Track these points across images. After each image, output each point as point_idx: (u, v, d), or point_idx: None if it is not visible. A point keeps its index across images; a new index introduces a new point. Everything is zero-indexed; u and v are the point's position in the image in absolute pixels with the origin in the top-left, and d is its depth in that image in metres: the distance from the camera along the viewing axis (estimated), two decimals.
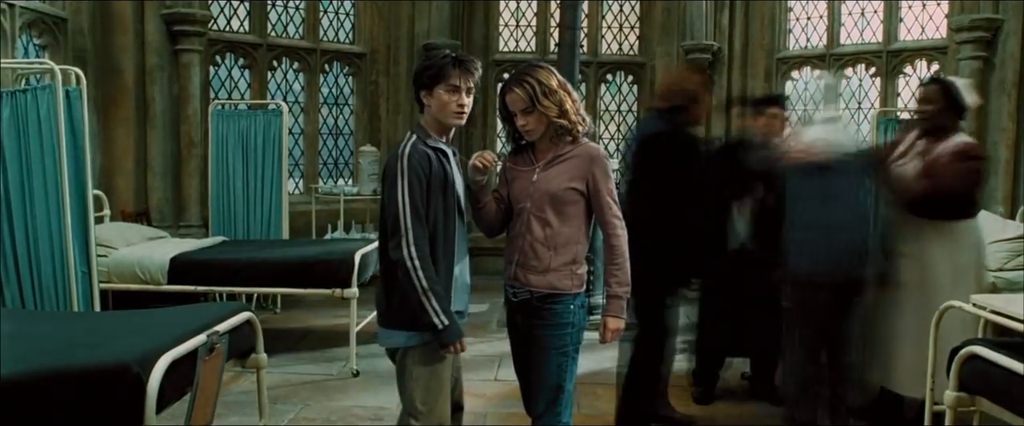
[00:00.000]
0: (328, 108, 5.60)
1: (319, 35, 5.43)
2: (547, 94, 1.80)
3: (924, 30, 4.99)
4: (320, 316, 4.34)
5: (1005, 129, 4.30)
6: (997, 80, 4.35)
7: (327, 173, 5.64)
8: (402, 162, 1.71)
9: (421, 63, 1.81)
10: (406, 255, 1.67)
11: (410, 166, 1.70)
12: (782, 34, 5.62)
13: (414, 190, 1.69)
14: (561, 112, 1.81)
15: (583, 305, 1.90)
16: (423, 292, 1.68)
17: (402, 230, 1.68)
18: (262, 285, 3.48)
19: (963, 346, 2.42)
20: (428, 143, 1.76)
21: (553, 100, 1.80)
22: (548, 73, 1.83)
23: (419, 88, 1.78)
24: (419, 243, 1.69)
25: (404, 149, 1.74)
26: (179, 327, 2.13)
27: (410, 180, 1.69)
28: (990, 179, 4.38)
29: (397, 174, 1.70)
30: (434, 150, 1.75)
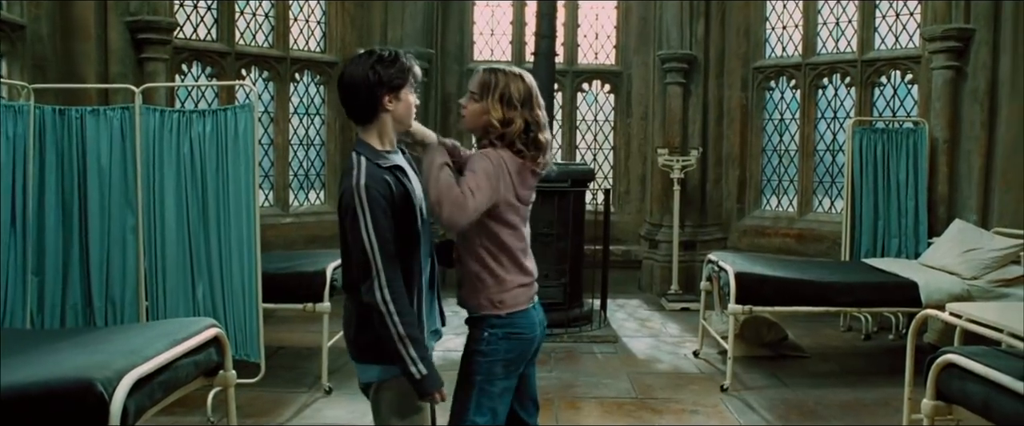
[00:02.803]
0: (298, 118, 5.60)
1: (289, 43, 5.44)
2: (503, 99, 1.72)
3: (898, 40, 5.19)
4: (292, 331, 4.31)
5: (978, 138, 4.47)
6: (969, 89, 4.54)
7: (298, 185, 5.62)
8: (360, 195, 1.57)
9: (381, 66, 1.64)
10: (380, 299, 1.57)
11: (371, 198, 1.57)
12: (758, 44, 5.79)
13: (380, 225, 1.57)
14: (501, 122, 1.72)
15: (506, 335, 1.76)
16: (400, 339, 1.58)
17: (374, 272, 1.57)
18: None
19: (939, 354, 2.52)
20: (381, 164, 1.63)
21: (504, 109, 1.72)
22: (524, 87, 1.76)
23: (383, 93, 1.64)
24: (393, 285, 1.58)
25: (358, 180, 1.58)
26: (145, 344, 2.12)
27: (374, 215, 1.56)
28: (964, 188, 4.56)
29: (357, 209, 1.57)
30: (390, 169, 1.64)
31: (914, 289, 3.56)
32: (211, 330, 2.36)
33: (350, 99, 1.67)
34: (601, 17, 6.22)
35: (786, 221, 5.67)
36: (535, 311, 1.85)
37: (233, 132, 3.24)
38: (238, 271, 3.24)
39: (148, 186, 3.26)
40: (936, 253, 4.05)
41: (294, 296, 3.42)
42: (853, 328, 4.63)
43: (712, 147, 5.80)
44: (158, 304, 3.27)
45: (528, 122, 1.74)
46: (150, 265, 3.27)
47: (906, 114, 5.06)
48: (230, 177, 3.25)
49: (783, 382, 3.67)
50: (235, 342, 3.20)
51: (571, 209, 4.47)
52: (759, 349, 4.09)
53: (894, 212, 4.62)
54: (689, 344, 4.32)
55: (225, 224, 3.26)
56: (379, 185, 1.59)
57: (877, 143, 4.68)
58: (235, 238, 3.24)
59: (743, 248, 5.58)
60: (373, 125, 1.68)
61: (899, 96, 5.18)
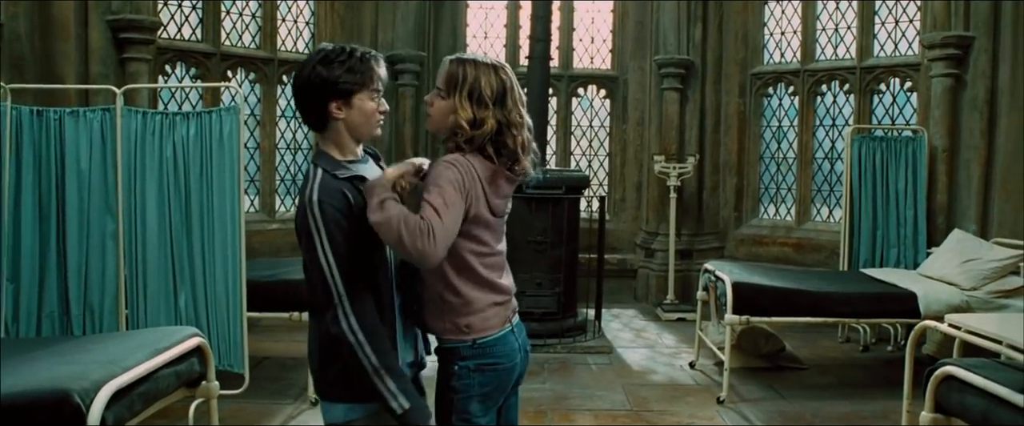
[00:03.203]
0: (286, 122, 5.59)
1: (277, 44, 5.44)
2: (472, 96, 1.52)
3: (897, 47, 5.26)
4: (277, 341, 4.30)
5: (977, 147, 4.53)
6: (969, 98, 4.60)
7: (285, 190, 5.61)
8: (313, 212, 1.41)
9: (325, 67, 1.46)
10: (347, 329, 1.41)
11: (325, 215, 1.41)
12: (756, 49, 5.85)
13: (337, 245, 1.41)
14: (470, 123, 1.51)
15: (479, 368, 1.56)
16: (374, 371, 1.41)
17: (336, 299, 1.41)
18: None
19: (938, 366, 2.55)
20: (339, 175, 1.47)
21: (473, 108, 1.52)
22: (497, 82, 1.54)
23: (330, 98, 1.47)
24: (361, 311, 1.42)
25: (310, 195, 1.43)
26: (125, 353, 2.11)
27: (330, 234, 1.40)
28: (963, 197, 4.62)
29: (312, 229, 1.41)
30: (349, 180, 1.48)
31: (913, 300, 3.59)
32: (193, 339, 2.36)
33: (298, 104, 1.53)
34: (597, 21, 6.27)
35: (784, 230, 5.71)
36: (513, 335, 1.64)
37: (218, 135, 3.26)
38: (222, 278, 3.23)
39: (129, 190, 3.25)
40: (935, 263, 4.09)
41: (280, 304, 3.40)
42: (851, 339, 4.67)
43: (709, 154, 5.84)
44: (138, 312, 3.25)
45: (501, 123, 1.54)
46: (130, 272, 3.26)
47: (905, 122, 5.13)
48: (214, 181, 3.24)
49: (780, 394, 3.68)
50: (218, 352, 3.19)
51: (565, 216, 4.48)
52: (756, 360, 4.11)
53: (893, 221, 4.67)
54: (685, 355, 4.33)
55: (209, 230, 3.25)
56: (334, 199, 1.42)
57: (876, 151, 4.74)
58: (219, 244, 3.23)
59: (740, 257, 5.61)
60: (327, 133, 1.52)
61: (898, 104, 5.25)
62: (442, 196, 1.44)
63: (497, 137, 1.54)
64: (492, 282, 1.60)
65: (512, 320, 1.66)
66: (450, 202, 1.44)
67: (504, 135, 1.55)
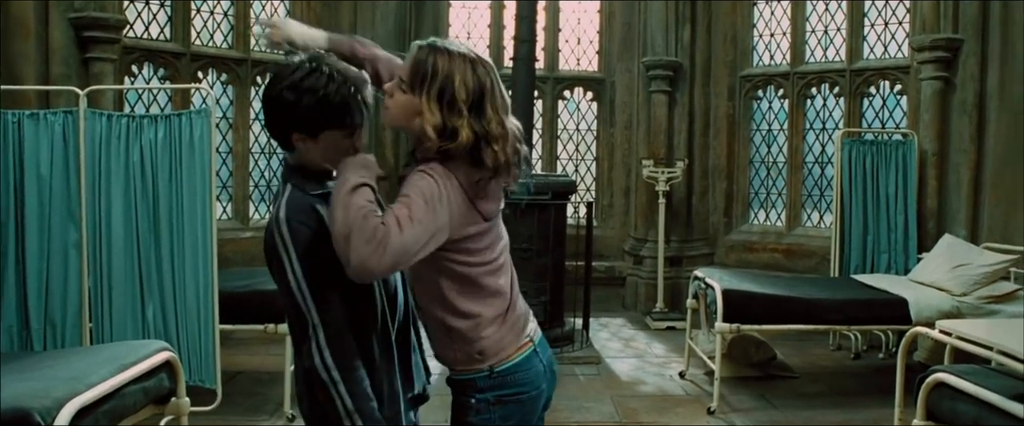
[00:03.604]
0: (260, 125, 5.55)
1: (250, 44, 5.41)
2: (442, 97, 1.32)
3: (887, 49, 5.36)
4: (252, 355, 4.25)
5: (966, 151, 4.63)
6: (958, 100, 4.71)
7: (259, 196, 5.57)
8: (281, 232, 1.29)
9: (297, 94, 1.30)
10: (320, 364, 1.28)
11: (294, 235, 1.29)
12: (745, 51, 5.93)
13: (310, 268, 1.29)
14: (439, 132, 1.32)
15: (499, 400, 1.41)
16: (347, 415, 1.29)
17: (310, 330, 1.29)
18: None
19: (929, 373, 2.60)
20: (310, 190, 1.36)
21: (443, 113, 1.32)
22: (474, 80, 1.34)
23: (291, 128, 1.33)
24: (336, 344, 1.29)
25: (277, 214, 1.32)
26: (89, 369, 2.08)
27: (301, 256, 1.28)
28: (953, 201, 4.71)
29: (280, 251, 1.29)
30: (323, 196, 1.36)
31: (904, 306, 3.66)
32: (162, 354, 2.33)
33: (266, 121, 1.39)
34: (583, 21, 6.32)
35: (774, 236, 5.78)
36: (537, 356, 1.47)
37: (188, 139, 3.22)
38: (193, 289, 3.19)
39: (93, 197, 3.21)
40: (926, 269, 4.17)
41: (254, 316, 3.38)
42: (843, 347, 4.73)
43: (698, 158, 5.90)
44: (103, 326, 3.20)
45: (479, 135, 1.33)
46: (95, 283, 3.21)
47: (895, 125, 5.22)
48: (184, 188, 3.21)
49: (771, 404, 3.72)
50: (189, 366, 3.15)
51: (552, 223, 4.50)
52: (747, 369, 4.15)
53: (884, 226, 4.75)
54: (675, 365, 4.36)
55: (179, 238, 3.21)
56: (305, 216, 1.31)
57: (866, 155, 4.82)
58: (190, 254, 3.20)
59: (730, 264, 5.67)
60: (295, 153, 1.38)
61: (888, 107, 5.35)
62: (409, 208, 1.26)
63: (475, 151, 1.32)
64: (499, 290, 1.42)
65: (534, 337, 1.48)
66: (417, 217, 1.26)
67: (482, 150, 1.32)
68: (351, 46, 1.55)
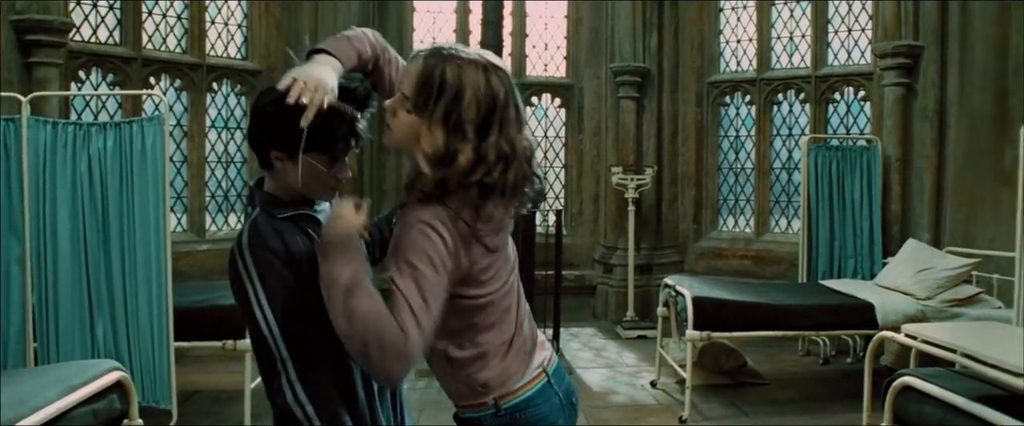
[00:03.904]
0: (217, 132, 5.47)
1: (205, 49, 5.33)
2: (451, 121, 1.18)
3: (850, 56, 5.55)
4: (209, 373, 4.17)
5: (928, 156, 4.81)
6: (919, 106, 4.89)
7: (216, 207, 5.47)
8: (244, 260, 1.22)
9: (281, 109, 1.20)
10: (292, 401, 1.20)
11: (259, 263, 1.21)
12: (712, 58, 6.06)
13: (277, 299, 1.21)
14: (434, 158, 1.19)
15: None
16: None
17: (280, 365, 1.21)
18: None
19: (896, 377, 2.69)
20: (278, 214, 1.28)
21: (450, 138, 1.18)
22: (487, 93, 1.20)
23: (270, 145, 1.26)
24: (309, 378, 1.20)
25: (241, 237, 1.25)
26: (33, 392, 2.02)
27: (266, 285, 1.21)
28: (916, 206, 4.89)
29: (244, 280, 1.22)
30: (291, 220, 1.29)
31: (871, 311, 3.77)
32: (113, 374, 2.27)
33: (248, 127, 1.34)
34: (550, 27, 6.38)
35: (743, 242, 5.90)
36: (551, 387, 1.34)
37: (140, 148, 3.16)
38: (146, 305, 3.12)
39: (37, 209, 3.11)
40: (891, 273, 4.31)
41: (212, 332, 3.32)
42: (812, 352, 4.85)
43: (667, 165, 6.00)
44: (49, 346, 3.11)
45: (480, 158, 1.18)
46: (39, 300, 3.11)
47: (859, 131, 5.40)
48: (136, 199, 3.15)
49: (743, 411, 3.79)
50: (142, 387, 3.08)
51: (520, 232, 4.51)
52: (718, 377, 4.22)
53: (850, 232, 4.90)
54: (646, 374, 4.41)
55: (130, 252, 3.14)
56: (270, 242, 1.23)
57: (832, 161, 4.97)
58: (142, 268, 3.13)
59: (700, 271, 5.77)
60: (271, 172, 1.31)
61: (852, 113, 5.53)
62: (420, 287, 1.13)
63: (470, 176, 1.18)
64: (504, 314, 1.30)
65: (548, 366, 1.35)
66: (430, 295, 1.14)
67: (482, 175, 1.18)
68: (360, 53, 1.34)
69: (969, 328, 3.20)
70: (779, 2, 5.85)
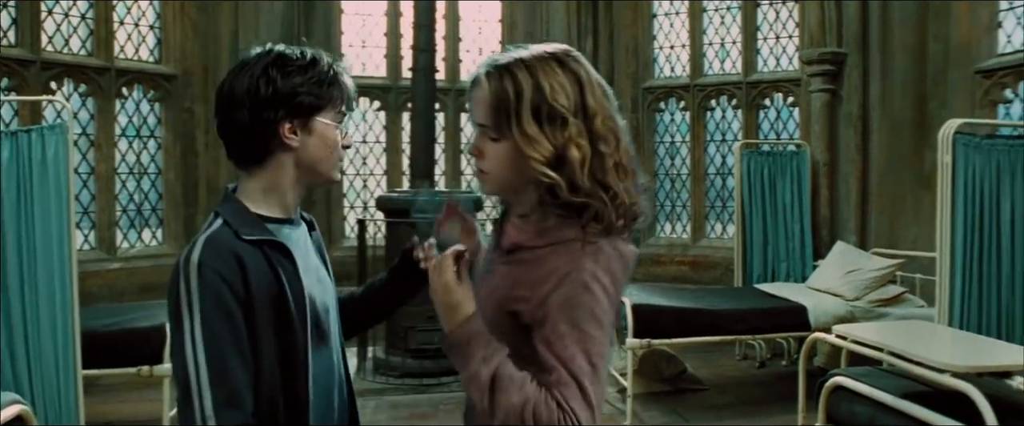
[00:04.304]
0: (128, 142, 5.23)
1: (114, 51, 5.09)
2: (543, 116, 1.04)
3: (779, 62, 5.83)
4: (122, 401, 3.97)
5: (854, 161, 5.11)
6: (845, 112, 5.18)
7: (128, 223, 5.22)
8: (188, 277, 1.06)
9: (279, 71, 1.13)
10: None
11: (204, 285, 1.05)
12: (647, 64, 6.25)
13: (213, 338, 1.05)
14: (555, 161, 1.03)
15: None
16: None
17: (194, 394, 1.04)
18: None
19: (828, 377, 2.83)
20: (244, 233, 1.12)
21: (552, 133, 1.04)
22: (569, 76, 1.07)
23: (282, 117, 1.13)
24: (226, 415, 1.04)
25: (191, 251, 1.09)
26: None
27: (206, 314, 1.05)
28: (843, 209, 5.17)
29: (181, 302, 1.06)
30: (257, 245, 1.12)
31: (803, 313, 3.96)
32: (12, 408, 2.14)
33: (226, 126, 1.15)
34: (485, 31, 6.42)
35: (680, 248, 6.09)
36: None
37: (40, 158, 2.98)
38: (49, 330, 2.94)
39: None
40: (821, 275, 4.54)
41: (125, 358, 3.16)
42: (748, 356, 5.05)
43: None
44: None
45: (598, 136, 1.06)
46: None
47: (789, 136, 5.67)
48: (37, 213, 2.97)
49: (684, 418, 3.91)
50: (46, 419, 2.90)
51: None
52: (658, 384, 4.33)
53: (782, 235, 5.14)
54: None
55: (30, 272, 2.96)
56: (225, 266, 1.07)
57: (763, 166, 5.20)
58: (45, 289, 2.96)
59: (639, 278, 5.90)
60: (262, 171, 1.16)
61: (782, 118, 5.80)
62: (589, 354, 0.98)
63: (596, 172, 1.04)
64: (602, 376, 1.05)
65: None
66: (598, 355, 0.99)
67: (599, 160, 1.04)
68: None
69: (895, 327, 3.40)
70: (710, 8, 6.09)
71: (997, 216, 3.28)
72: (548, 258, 1.03)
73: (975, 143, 3.30)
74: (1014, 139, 3.43)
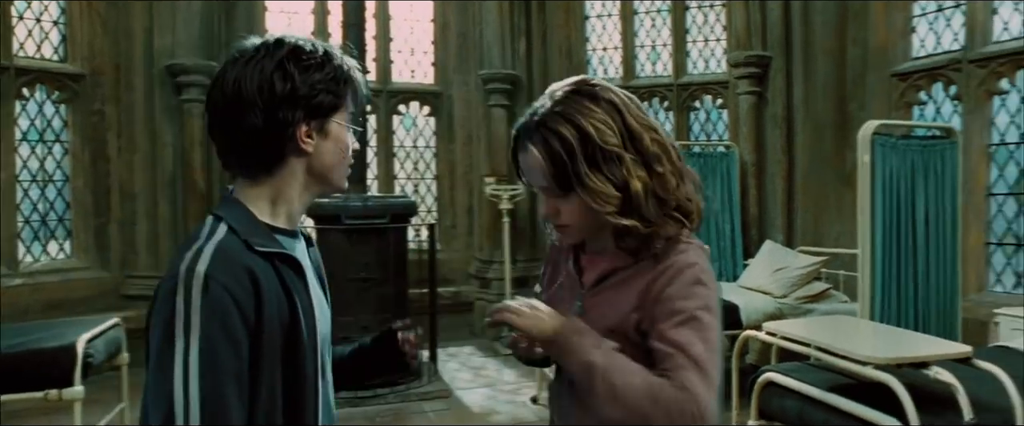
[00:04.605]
0: (30, 146, 4.93)
1: (12, 48, 4.80)
2: (599, 161, 1.07)
3: (708, 65, 6.04)
4: None
5: (780, 161, 5.34)
6: (770, 114, 5.42)
7: (32, 234, 4.92)
8: (190, 294, 0.92)
9: (298, 66, 1.02)
10: None
11: (211, 307, 0.92)
12: (580, 65, 6.34)
13: (214, 370, 0.91)
14: (627, 199, 1.08)
15: None
16: None
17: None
18: None
19: (759, 374, 2.95)
20: (257, 245, 0.99)
21: (611, 172, 1.07)
22: (605, 108, 1.10)
23: (300, 119, 1.02)
24: None
25: (193, 262, 0.94)
26: None
27: (209, 338, 0.91)
28: (771, 209, 5.41)
29: (176, 321, 0.91)
30: (269, 258, 1.00)
31: (736, 311, 4.11)
32: None
33: (231, 127, 1.02)
34: (417, 31, 6.38)
35: None
36: None
37: None
38: None
39: None
40: (751, 274, 4.73)
41: (30, 382, 2.98)
42: None
43: None
44: None
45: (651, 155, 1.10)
46: None
47: (718, 138, 5.88)
48: None
49: None
50: None
51: (391, 249, 4.47)
52: None
53: (714, 235, 5.32)
54: (527, 390, 4.51)
55: None
56: (237, 284, 0.93)
57: (694, 167, 5.26)
58: None
59: None
60: (269, 179, 1.05)
61: (712, 120, 6.01)
62: (705, 340, 1.04)
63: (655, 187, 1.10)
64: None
65: None
66: (713, 344, 1.05)
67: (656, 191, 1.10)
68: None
69: (821, 323, 3.58)
70: (642, 11, 6.25)
71: (912, 214, 3.50)
72: (647, 267, 1.10)
73: (891, 143, 3.51)
74: (927, 140, 3.67)
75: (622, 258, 1.13)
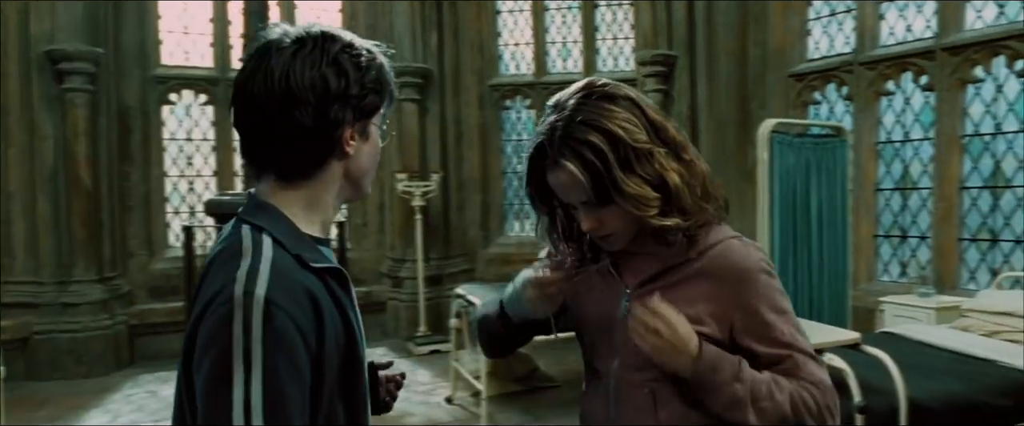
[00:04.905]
0: None
1: None
2: (633, 162, 1.05)
3: (617, 62, 6.21)
4: None
5: None
6: (676, 112, 5.64)
7: None
8: (249, 321, 0.83)
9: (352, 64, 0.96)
10: None
11: (275, 337, 0.84)
12: (492, 60, 6.39)
13: (285, 404, 0.84)
14: (666, 196, 1.08)
15: None
16: None
17: None
18: None
19: None
20: (307, 259, 0.93)
21: (645, 171, 1.06)
22: (625, 106, 1.08)
23: (345, 122, 0.96)
24: None
25: (253, 284, 0.86)
26: None
27: (274, 373, 0.83)
28: None
29: (234, 350, 0.83)
30: (320, 274, 0.93)
31: None
32: None
33: (274, 124, 0.93)
34: (323, 21, 6.20)
35: (530, 246, 6.29)
36: None
37: None
38: None
39: None
40: None
41: None
42: None
43: (453, 170, 6.19)
44: None
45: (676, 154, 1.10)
46: None
47: None
48: None
49: (537, 417, 4.06)
50: None
51: None
52: (512, 385, 4.47)
53: None
54: (441, 390, 4.51)
55: None
56: (300, 311, 0.87)
57: None
58: None
59: (491, 279, 6.03)
60: (307, 183, 0.97)
61: None
62: (798, 327, 1.12)
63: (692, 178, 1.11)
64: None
65: None
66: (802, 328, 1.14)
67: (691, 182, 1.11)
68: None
69: None
70: (553, 7, 6.36)
71: (807, 209, 3.74)
72: (710, 271, 1.11)
73: (788, 141, 3.73)
74: (821, 138, 3.93)
75: (667, 255, 1.13)
